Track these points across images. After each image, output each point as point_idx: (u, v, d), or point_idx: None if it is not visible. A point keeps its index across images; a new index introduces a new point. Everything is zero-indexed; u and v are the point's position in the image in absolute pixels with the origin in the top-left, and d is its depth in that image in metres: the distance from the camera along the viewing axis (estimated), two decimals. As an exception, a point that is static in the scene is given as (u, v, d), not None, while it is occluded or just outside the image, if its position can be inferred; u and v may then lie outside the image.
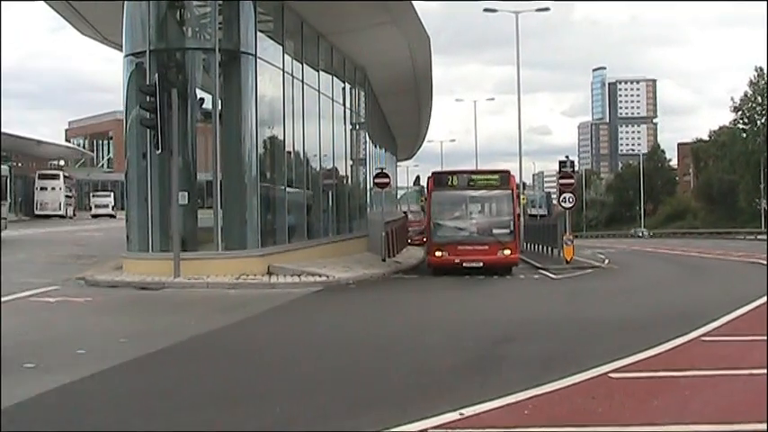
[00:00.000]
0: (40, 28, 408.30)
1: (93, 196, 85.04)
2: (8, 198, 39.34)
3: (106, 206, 78.83)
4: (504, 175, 30.86)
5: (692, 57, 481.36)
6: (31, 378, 10.13)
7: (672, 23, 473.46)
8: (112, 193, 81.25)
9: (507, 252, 29.10)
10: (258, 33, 25.40)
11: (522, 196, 30.97)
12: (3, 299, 18.09)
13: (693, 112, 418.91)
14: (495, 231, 29.81)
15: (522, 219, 43.00)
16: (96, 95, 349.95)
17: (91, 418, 8.50)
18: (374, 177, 35.34)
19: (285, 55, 28.21)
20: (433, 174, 32.87)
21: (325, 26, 30.80)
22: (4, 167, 44.35)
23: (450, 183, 30.60)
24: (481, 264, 28.65)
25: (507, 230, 29.74)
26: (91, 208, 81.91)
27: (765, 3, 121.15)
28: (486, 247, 29.05)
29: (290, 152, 29.37)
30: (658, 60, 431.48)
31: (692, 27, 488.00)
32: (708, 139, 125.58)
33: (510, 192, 30.25)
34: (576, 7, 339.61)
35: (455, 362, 11.89)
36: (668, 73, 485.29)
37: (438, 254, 29.29)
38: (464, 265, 28.66)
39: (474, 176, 31.31)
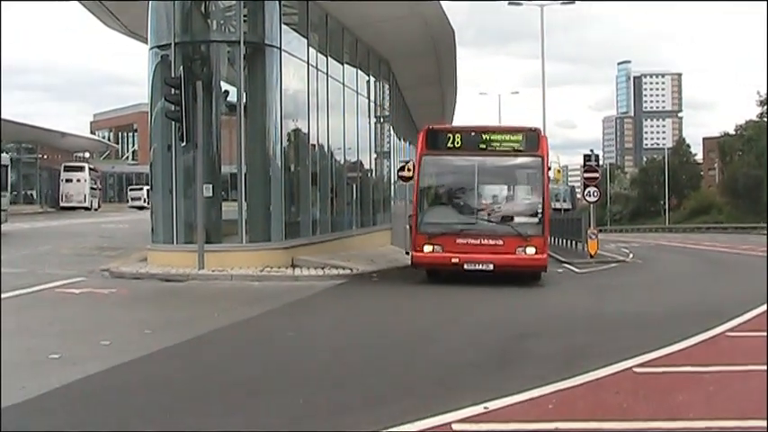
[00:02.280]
0: (65, 21, 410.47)
1: (130, 190, 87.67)
2: (8, 189, 39.11)
3: (139, 199, 79.91)
4: (533, 136, 22.26)
5: (718, 50, 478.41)
6: (56, 369, 10.18)
7: (698, 16, 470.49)
8: (145, 188, 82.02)
9: (532, 251, 21.18)
10: (283, 26, 25.39)
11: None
12: (29, 290, 18.28)
13: (719, 106, 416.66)
14: (515, 219, 22.11)
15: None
16: (121, 88, 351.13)
17: (115, 409, 8.53)
18: (398, 170, 35.20)
19: (310, 48, 28.20)
20: (425, 129, 23.01)
21: (350, 19, 30.77)
22: (5, 156, 44.23)
23: (450, 143, 22.27)
24: (491, 266, 21.09)
25: (534, 219, 21.92)
26: (128, 200, 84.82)
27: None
28: (501, 243, 21.23)
29: (314, 145, 29.34)
30: (683, 53, 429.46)
31: (719, 20, 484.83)
32: (734, 133, 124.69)
33: (540, 160, 21.97)
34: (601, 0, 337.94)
35: (479, 356, 11.88)
36: (694, 66, 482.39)
37: (427, 249, 21.53)
38: (465, 267, 21.22)
39: (487, 135, 22.32)
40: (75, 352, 11.34)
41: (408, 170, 21.69)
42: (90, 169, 75.67)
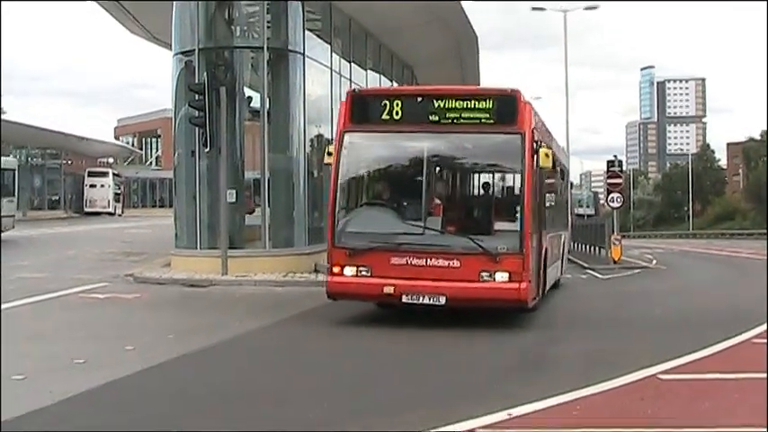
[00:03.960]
0: (89, 27, 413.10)
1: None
2: (16, 194, 38.98)
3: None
4: (508, 102, 14.81)
5: (743, 54, 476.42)
6: (80, 373, 10.24)
7: (721, 20, 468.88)
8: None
9: (503, 277, 14.12)
10: (306, 32, 25.46)
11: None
12: (54, 294, 18.41)
13: (743, 112, 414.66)
14: (482, 228, 15.18)
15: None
16: (144, 93, 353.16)
17: (139, 414, 8.58)
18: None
19: (333, 53, 28.26)
20: (349, 94, 15.94)
21: (373, 24, 30.81)
22: (12, 160, 44.25)
23: (386, 114, 14.98)
24: (442, 299, 14.27)
25: (509, 227, 14.76)
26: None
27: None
28: (457, 264, 14.27)
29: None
30: (708, 58, 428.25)
31: (743, 23, 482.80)
32: (759, 138, 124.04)
33: (519, 138, 14.57)
34: (625, 5, 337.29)
35: (503, 362, 11.87)
36: (718, 71, 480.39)
37: (349, 272, 14.72)
38: (404, 299, 14.51)
39: (440, 101, 14.90)
40: (100, 357, 11.40)
41: (330, 153, 15.21)
42: (114, 174, 76.01)
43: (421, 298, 14.36)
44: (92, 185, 73.12)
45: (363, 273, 14.61)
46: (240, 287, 21.17)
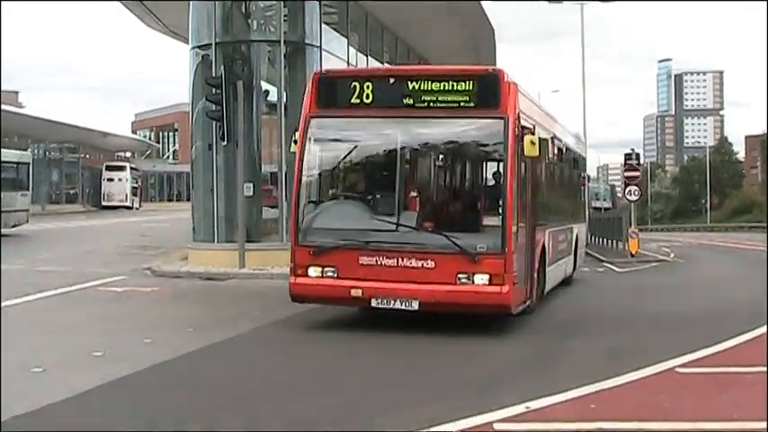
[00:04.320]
0: (107, 22, 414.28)
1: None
2: (30, 188, 38.98)
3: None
4: (489, 82, 13.40)
5: (761, 47, 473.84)
6: (100, 366, 10.29)
7: (739, 13, 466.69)
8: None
9: (482, 279, 12.72)
10: (323, 25, 25.47)
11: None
12: (73, 287, 18.54)
13: (761, 105, 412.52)
14: (460, 225, 13.63)
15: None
16: (161, 88, 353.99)
17: (158, 406, 8.61)
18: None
19: (350, 47, 28.26)
20: (315, 75, 14.54)
21: (390, 18, 30.79)
22: (26, 154, 44.28)
23: (355, 97, 13.61)
24: (415, 304, 12.93)
25: (491, 223, 13.33)
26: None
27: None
28: (432, 264, 12.89)
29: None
30: (725, 51, 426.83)
31: (761, 17, 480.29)
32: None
33: (502, 123, 13.09)
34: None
35: (520, 355, 11.87)
36: (735, 64, 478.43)
37: (314, 272, 13.37)
38: (373, 304, 13.18)
39: (415, 83, 13.50)
40: (118, 350, 11.45)
41: (296, 142, 13.98)
42: (131, 168, 76.24)
43: (392, 302, 12.98)
44: (109, 179, 73.38)
45: (329, 274, 13.26)
46: (257, 280, 21.20)
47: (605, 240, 42.43)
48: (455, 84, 13.23)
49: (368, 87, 13.52)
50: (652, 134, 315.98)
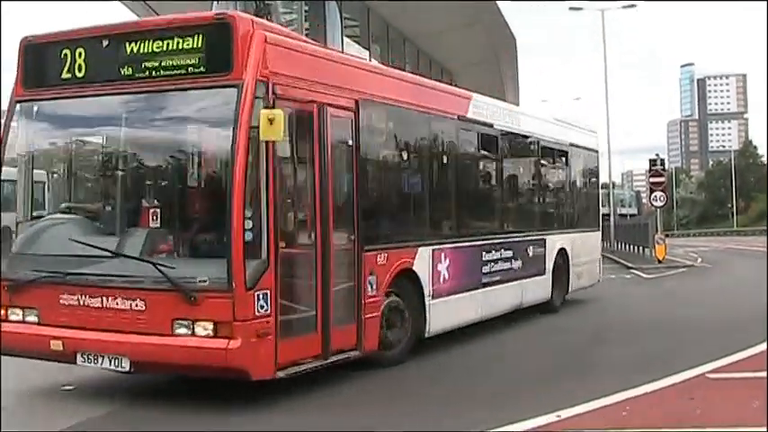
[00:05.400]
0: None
1: None
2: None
3: None
4: (220, 35, 9.15)
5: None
6: (125, 383, 10.34)
7: (759, 15, 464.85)
8: None
9: (204, 328, 8.67)
10: (345, 38, 25.53)
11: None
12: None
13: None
14: (185, 246, 9.58)
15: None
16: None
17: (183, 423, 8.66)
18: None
19: (372, 59, 28.31)
20: (22, 43, 10.20)
21: (411, 29, 30.84)
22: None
23: (65, 71, 9.77)
24: (125, 362, 8.95)
25: (214, 243, 9.16)
26: None
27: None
28: (141, 305, 8.92)
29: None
30: (748, 54, 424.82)
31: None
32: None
33: (235, 91, 8.87)
34: (664, 4, 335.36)
35: (550, 363, 11.85)
36: (759, 66, 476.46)
37: (13, 315, 9.68)
38: (79, 360, 9.21)
39: (133, 45, 9.46)
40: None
41: None
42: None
43: (99, 360, 9.12)
44: None
45: (30, 319, 9.60)
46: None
47: (632, 247, 42.32)
48: (180, 41, 9.23)
49: (80, 56, 9.74)
50: (676, 139, 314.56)
